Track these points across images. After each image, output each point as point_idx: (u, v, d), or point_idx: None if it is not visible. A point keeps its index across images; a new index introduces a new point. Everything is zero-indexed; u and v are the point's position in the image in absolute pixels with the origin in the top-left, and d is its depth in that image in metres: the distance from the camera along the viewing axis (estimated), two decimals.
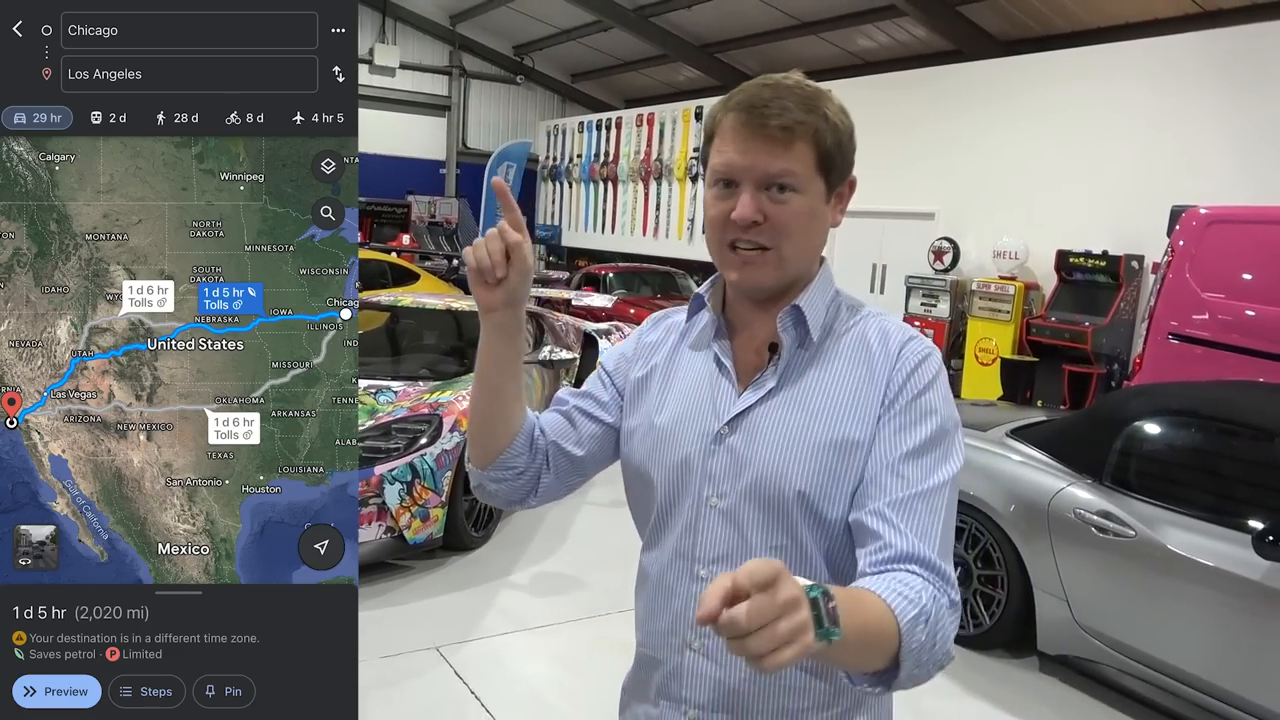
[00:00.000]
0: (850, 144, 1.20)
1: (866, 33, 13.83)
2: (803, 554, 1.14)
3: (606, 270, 12.02)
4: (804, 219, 1.15)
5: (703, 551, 1.18)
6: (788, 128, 1.11)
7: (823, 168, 1.16)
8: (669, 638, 1.22)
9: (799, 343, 1.19)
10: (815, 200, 1.16)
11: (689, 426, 1.21)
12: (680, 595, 1.20)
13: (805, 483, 1.12)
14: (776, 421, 1.16)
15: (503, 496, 1.30)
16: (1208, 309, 5.75)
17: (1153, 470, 3.54)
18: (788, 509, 1.13)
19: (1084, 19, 11.34)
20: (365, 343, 6.08)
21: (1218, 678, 3.09)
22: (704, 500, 1.18)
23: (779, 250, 1.15)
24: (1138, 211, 9.01)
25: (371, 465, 4.10)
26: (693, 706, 1.20)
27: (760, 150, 1.12)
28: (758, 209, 1.13)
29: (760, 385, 1.19)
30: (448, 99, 19.42)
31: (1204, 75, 8.87)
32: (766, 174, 1.13)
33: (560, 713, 3.29)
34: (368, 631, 3.71)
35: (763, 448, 1.15)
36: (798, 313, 1.18)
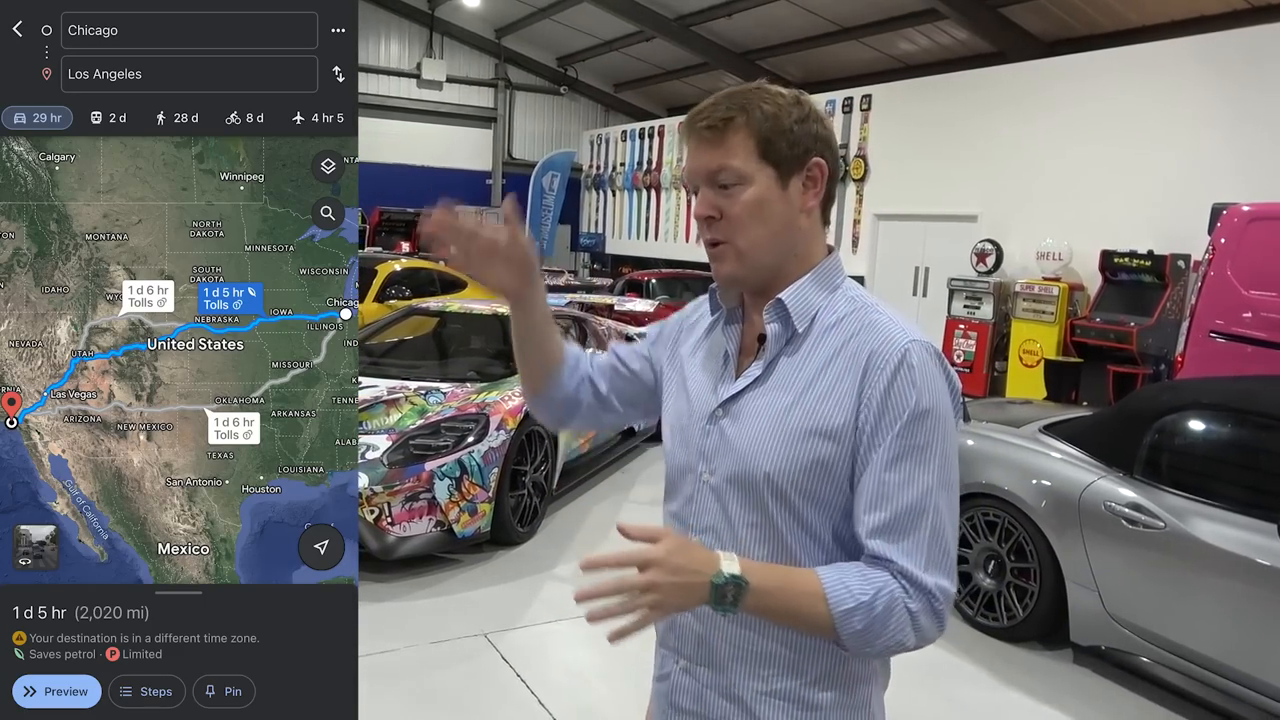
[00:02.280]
0: (796, 129, 1.23)
1: (907, 36, 13.82)
2: (774, 531, 1.23)
3: (649, 276, 12.18)
4: (753, 208, 1.22)
5: (695, 520, 1.30)
6: (713, 126, 1.22)
7: (765, 155, 1.22)
8: None
9: (784, 333, 1.27)
10: (765, 189, 1.22)
11: (697, 405, 1.33)
12: None
13: (773, 466, 1.21)
14: (758, 407, 1.25)
15: (549, 417, 1.55)
16: (1250, 306, 5.73)
17: (1182, 463, 3.58)
18: (759, 490, 1.23)
19: (1128, 17, 11.22)
20: (415, 347, 6.30)
21: (1248, 666, 3.13)
22: (699, 475, 1.30)
23: (733, 243, 1.25)
24: (1183, 210, 8.92)
25: (422, 462, 4.30)
26: (682, 657, 1.32)
27: (699, 152, 1.25)
28: (710, 205, 1.24)
29: (749, 373, 1.29)
30: (493, 111, 19.77)
31: (1245, 73, 8.77)
32: (707, 172, 1.24)
33: (601, 695, 3.43)
34: (421, 619, 3.92)
35: (743, 431, 1.25)
36: (780, 305, 1.27)
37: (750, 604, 1.11)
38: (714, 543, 1.27)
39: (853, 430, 1.19)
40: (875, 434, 1.17)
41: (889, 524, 1.15)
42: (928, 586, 1.14)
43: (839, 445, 1.19)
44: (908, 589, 1.14)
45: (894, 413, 1.17)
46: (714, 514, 1.28)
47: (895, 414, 1.17)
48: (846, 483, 1.21)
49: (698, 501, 1.30)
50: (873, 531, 1.16)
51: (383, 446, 4.36)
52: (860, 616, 1.12)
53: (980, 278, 10.58)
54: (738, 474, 1.25)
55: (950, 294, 10.74)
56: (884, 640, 1.15)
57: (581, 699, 3.39)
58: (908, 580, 1.14)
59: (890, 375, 1.17)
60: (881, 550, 1.15)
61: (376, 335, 6.22)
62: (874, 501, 1.17)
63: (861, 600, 1.13)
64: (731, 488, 1.26)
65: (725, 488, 1.26)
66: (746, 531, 1.25)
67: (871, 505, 1.17)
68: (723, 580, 1.09)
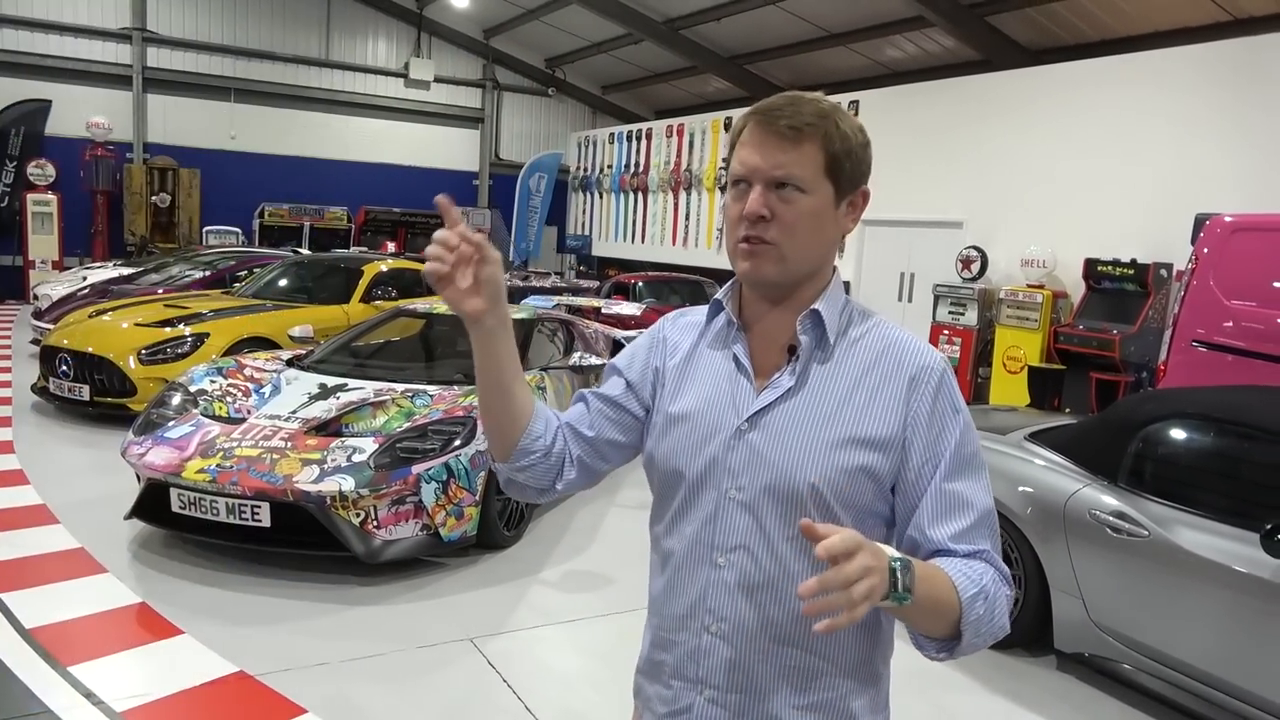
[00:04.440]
0: (863, 155, 1.28)
1: (895, 43, 13.90)
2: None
3: (636, 279, 12.17)
4: (809, 219, 1.24)
5: (722, 540, 1.27)
6: (796, 128, 1.22)
7: (831, 172, 1.24)
8: (687, 621, 1.30)
9: (816, 345, 1.28)
10: (822, 203, 1.25)
11: (711, 422, 1.29)
12: (699, 582, 1.29)
13: (818, 476, 1.22)
14: (794, 419, 1.25)
15: (531, 484, 1.35)
16: (1232, 316, 5.78)
17: (1166, 472, 3.61)
18: (802, 502, 1.23)
19: (1113, 27, 11.33)
20: (402, 349, 6.28)
21: (1229, 673, 3.16)
22: (724, 493, 1.26)
23: (780, 246, 1.24)
24: (1166, 220, 9.01)
25: (409, 465, 4.28)
26: (708, 687, 1.28)
27: (771, 149, 1.23)
28: (765, 205, 1.23)
29: (778, 385, 1.27)
30: (481, 111, 19.72)
31: (1229, 84, 8.86)
32: (774, 174, 1.23)
33: (589, 702, 3.42)
34: (407, 623, 3.90)
35: (780, 444, 1.24)
36: (816, 316, 1.28)
37: (916, 590, 1.09)
38: (747, 561, 1.25)
39: (900, 442, 1.24)
40: (931, 448, 1.24)
41: (973, 526, 1.23)
42: (1008, 576, 1.25)
43: (884, 454, 1.23)
44: (999, 577, 1.23)
45: (946, 429, 1.25)
46: (746, 531, 1.25)
47: (948, 430, 1.25)
48: (889, 490, 1.25)
49: (724, 519, 1.27)
50: (956, 535, 1.23)
51: (369, 449, 4.34)
52: (982, 603, 1.18)
53: (965, 284, 10.64)
54: (776, 487, 1.24)
55: (935, 300, 10.79)
56: (992, 626, 1.20)
57: (568, 705, 3.38)
58: (997, 569, 1.24)
59: (934, 393, 1.25)
60: (969, 548, 1.23)
61: (363, 336, 6.19)
62: (947, 510, 1.23)
63: (982, 585, 1.19)
64: (768, 501, 1.24)
65: (760, 502, 1.25)
66: (786, 546, 1.23)
67: (945, 514, 1.23)
68: (897, 564, 1.06)
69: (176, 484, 4.25)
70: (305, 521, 4.20)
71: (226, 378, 5.13)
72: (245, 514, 4.19)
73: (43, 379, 7.31)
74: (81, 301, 9.45)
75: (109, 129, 15.47)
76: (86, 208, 15.29)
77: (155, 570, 4.33)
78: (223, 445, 4.39)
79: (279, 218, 16.45)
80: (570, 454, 1.38)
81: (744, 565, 1.25)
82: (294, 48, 17.56)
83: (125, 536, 4.68)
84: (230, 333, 7.31)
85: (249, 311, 7.88)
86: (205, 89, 16.80)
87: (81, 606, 3.90)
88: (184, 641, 3.65)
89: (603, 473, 1.43)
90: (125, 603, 3.98)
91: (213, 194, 16.51)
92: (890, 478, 1.25)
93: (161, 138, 16.43)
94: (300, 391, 4.97)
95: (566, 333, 6.54)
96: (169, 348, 7.05)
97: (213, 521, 4.26)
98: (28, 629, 3.65)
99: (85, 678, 3.29)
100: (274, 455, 4.29)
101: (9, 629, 3.65)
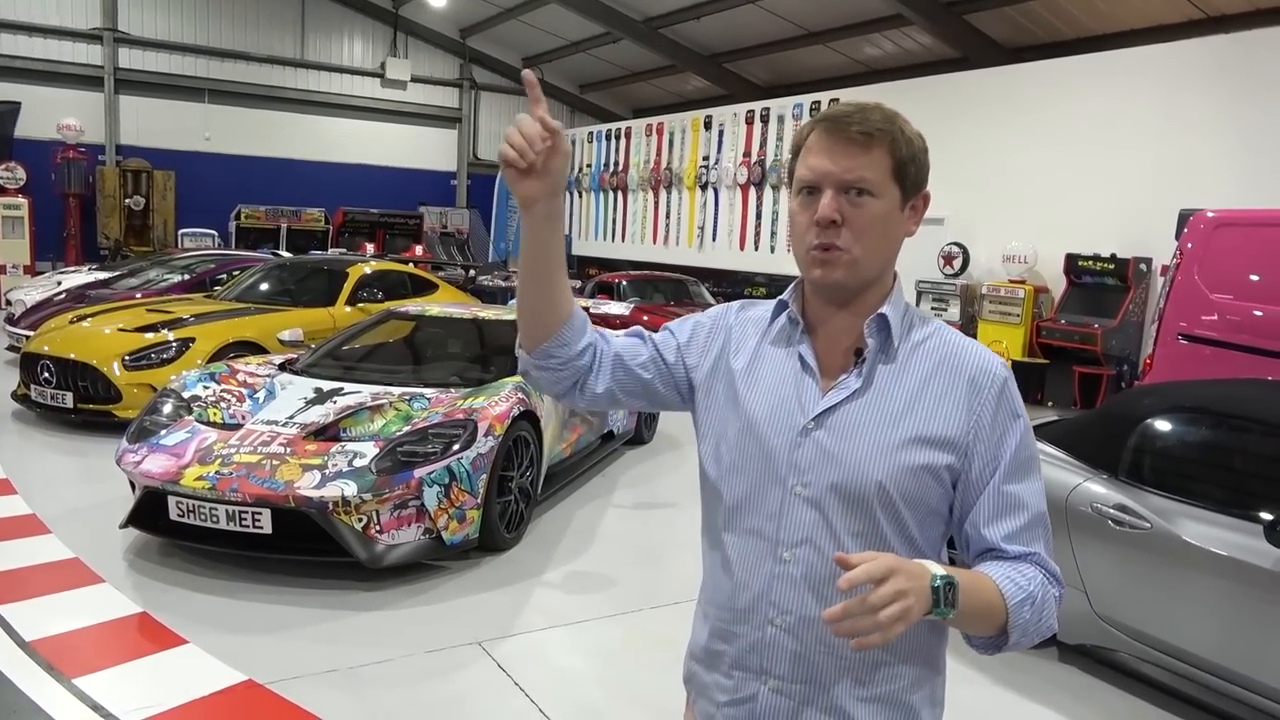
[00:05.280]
0: (924, 160, 1.33)
1: (874, 41, 14.00)
2: (881, 537, 1.28)
3: (620, 278, 12.17)
4: (879, 222, 1.27)
5: (787, 535, 1.30)
6: (867, 133, 1.26)
7: (898, 176, 1.28)
8: (750, 614, 1.33)
9: (881, 347, 1.32)
10: (890, 206, 1.28)
11: (776, 420, 1.32)
12: (763, 575, 1.32)
13: (885, 474, 1.26)
14: (861, 419, 1.28)
15: (546, 384, 1.40)
16: (1216, 310, 5.88)
17: (1166, 465, 3.67)
18: (868, 499, 1.27)
19: (1089, 25, 11.47)
20: (394, 351, 6.24)
21: (1232, 662, 3.22)
22: (790, 489, 1.30)
23: (852, 251, 1.27)
24: (1145, 215, 9.14)
25: (411, 469, 4.25)
26: (773, 677, 1.32)
27: (841, 155, 1.26)
28: (837, 209, 1.26)
29: (844, 385, 1.31)
30: (458, 111, 19.64)
31: (1209, 80, 9.01)
32: (848, 176, 1.26)
33: (603, 703, 3.43)
34: (413, 628, 3.88)
35: (848, 443, 1.28)
36: (883, 320, 1.31)
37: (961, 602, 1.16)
38: (813, 556, 1.29)
39: (963, 444, 1.28)
40: (992, 450, 1.28)
41: (1024, 527, 1.28)
42: (1058, 574, 1.30)
43: (949, 454, 1.27)
44: (1048, 577, 1.28)
45: (1008, 432, 1.30)
46: (812, 526, 1.29)
47: (1009, 434, 1.30)
48: (950, 490, 1.29)
49: (789, 515, 1.30)
50: (1009, 535, 1.29)
51: (370, 454, 4.31)
52: (1029, 607, 1.23)
53: (947, 280, 10.75)
54: (843, 484, 1.27)
55: (918, 295, 10.89)
56: (1039, 628, 1.25)
57: (582, 706, 3.38)
58: (1047, 570, 1.29)
59: (997, 396, 1.30)
60: (1021, 549, 1.28)
61: (355, 340, 6.15)
62: (1004, 510, 1.28)
63: (1029, 591, 1.23)
64: (834, 498, 1.28)
65: (826, 499, 1.28)
66: (851, 541, 1.27)
67: (1002, 513, 1.28)
68: (940, 583, 1.13)
69: (175, 492, 4.20)
70: (306, 528, 4.16)
71: (220, 383, 5.08)
72: (246, 521, 4.14)
73: (24, 386, 7.19)
74: (59, 307, 9.29)
75: (80, 131, 15.25)
76: (58, 211, 15.07)
77: (153, 579, 4.28)
78: (221, 452, 4.35)
79: (255, 220, 16.30)
80: (597, 372, 1.40)
81: (810, 560, 1.29)
82: (268, 48, 17.40)
83: (120, 545, 4.62)
84: (216, 337, 7.23)
85: (233, 315, 7.79)
86: (178, 90, 16.61)
87: (81, 617, 3.85)
88: (189, 651, 3.61)
89: (634, 406, 1.48)
90: (125, 613, 3.93)
91: (187, 196, 16.33)
92: (953, 478, 1.29)
93: (134, 140, 16.23)
94: (296, 396, 4.93)
95: None
96: (153, 353, 6.96)
97: (212, 529, 4.22)
98: (28, 641, 3.60)
99: (91, 690, 3.25)
100: (274, 461, 4.25)
101: (9, 642, 3.59)
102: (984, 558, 1.30)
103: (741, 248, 15.17)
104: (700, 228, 16.13)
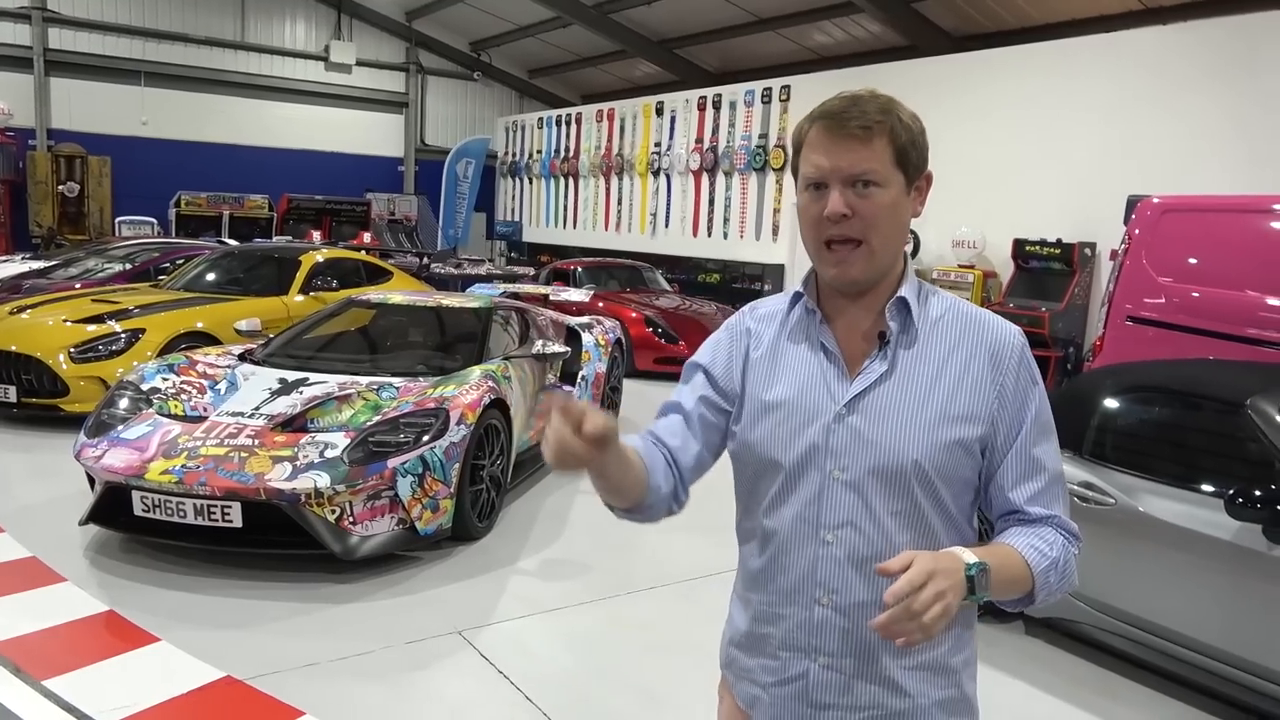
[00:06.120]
0: (923, 141, 1.36)
1: (823, 29, 14.11)
2: (920, 515, 1.33)
3: (575, 265, 12.13)
4: (888, 210, 1.31)
5: (828, 518, 1.34)
6: (866, 127, 1.29)
7: (900, 162, 1.32)
8: (796, 595, 1.38)
9: (903, 329, 1.36)
10: (897, 193, 1.32)
11: (807, 409, 1.36)
12: (807, 556, 1.36)
13: (921, 453, 1.31)
14: (892, 401, 1.33)
15: (651, 521, 1.44)
16: (1163, 293, 6.09)
17: (1128, 443, 3.80)
18: (906, 478, 1.31)
19: (1033, 15, 11.72)
20: (358, 340, 6.15)
21: (1193, 630, 3.36)
22: (827, 474, 1.33)
23: (869, 243, 1.31)
24: (1090, 200, 9.40)
25: (384, 459, 4.21)
26: (823, 654, 1.36)
27: (844, 151, 1.30)
28: (846, 204, 1.30)
29: (871, 370, 1.35)
30: (405, 96, 19.32)
31: (1148, 70, 9.28)
32: (851, 172, 1.30)
33: (589, 689, 3.44)
34: (390, 619, 3.85)
35: (882, 426, 1.32)
36: (903, 303, 1.36)
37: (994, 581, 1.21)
38: (855, 536, 1.32)
39: (992, 413, 1.32)
40: (1015, 417, 1.33)
41: (1045, 489, 1.35)
42: (1077, 532, 1.36)
43: (978, 426, 1.32)
44: (1068, 538, 1.35)
45: (1029, 398, 1.35)
46: (851, 508, 1.33)
47: (1030, 399, 1.35)
48: (980, 458, 1.34)
49: (829, 499, 1.34)
50: (1031, 498, 1.35)
51: (341, 444, 4.25)
52: (1055, 573, 1.30)
53: None
54: (881, 466, 1.31)
55: None
56: (1063, 587, 1.32)
57: (569, 693, 3.39)
58: (1066, 531, 1.35)
59: (1017, 365, 1.35)
60: (1042, 511, 1.34)
61: (316, 328, 6.04)
62: (1026, 473, 1.33)
63: (1051, 558, 1.29)
64: (873, 480, 1.32)
65: (865, 481, 1.32)
66: (891, 520, 1.32)
67: (1024, 476, 1.33)
68: (974, 570, 1.19)
69: (139, 486, 4.09)
70: (277, 520, 4.10)
71: (179, 375, 4.95)
72: (215, 515, 4.06)
73: None
74: None
75: (9, 114, 14.66)
76: None
77: (118, 576, 4.17)
78: (186, 445, 4.25)
79: (197, 207, 15.85)
80: (681, 478, 1.44)
81: (852, 540, 1.33)
82: (207, 29, 16.90)
83: (79, 542, 4.49)
84: (166, 328, 7.04)
85: (183, 306, 7.60)
86: (113, 72, 16.05)
87: (45, 618, 3.74)
88: (162, 648, 3.53)
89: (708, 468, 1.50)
90: (91, 611, 3.83)
91: (125, 183, 15.81)
92: (982, 447, 1.35)
93: (67, 124, 15.65)
94: (260, 387, 4.83)
95: (521, 321, 6.49)
96: (101, 345, 6.75)
97: (179, 524, 4.12)
98: None
99: (64, 691, 3.16)
100: (242, 453, 4.17)
101: None
102: (1008, 519, 1.37)
103: (695, 234, 15.22)
104: (653, 214, 16.14)
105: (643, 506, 1.40)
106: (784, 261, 13.52)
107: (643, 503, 1.39)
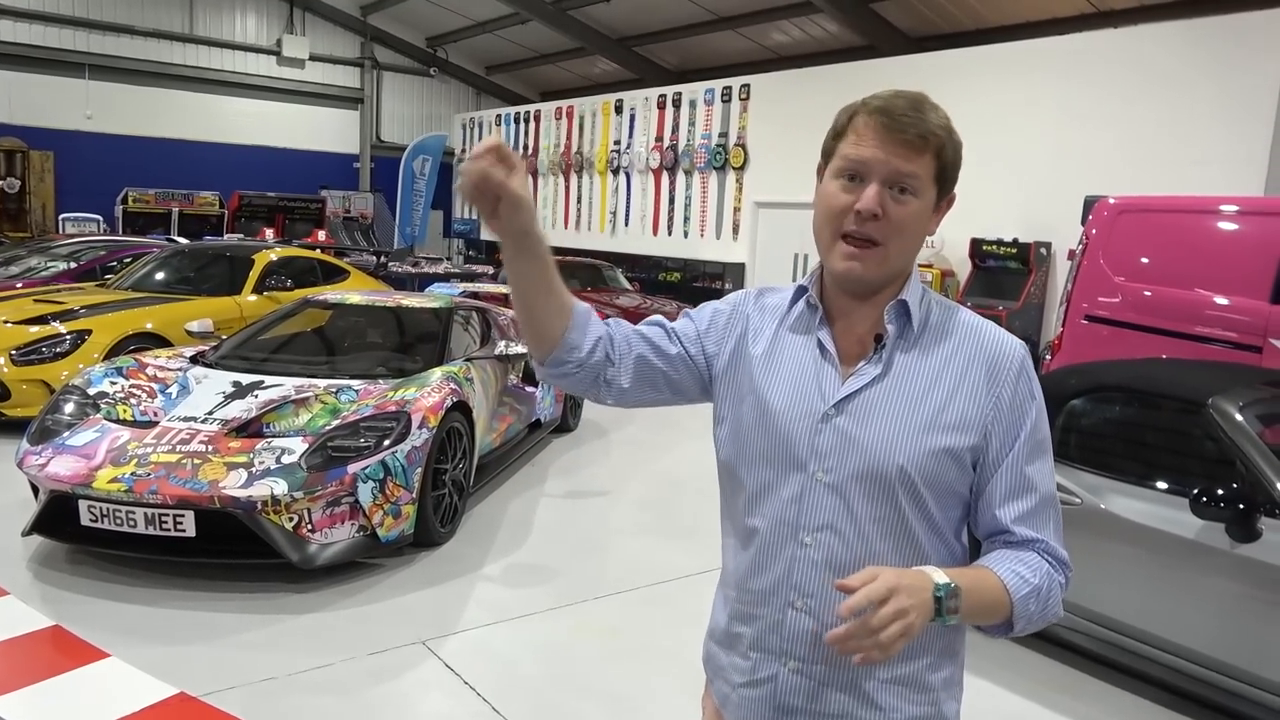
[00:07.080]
0: (959, 166, 1.34)
1: (781, 28, 14.16)
2: (903, 524, 1.29)
3: None
4: (915, 221, 1.29)
5: (808, 520, 1.30)
6: (923, 136, 1.27)
7: (939, 179, 1.31)
8: (771, 597, 1.34)
9: (900, 333, 1.33)
10: (926, 206, 1.31)
11: (796, 407, 1.32)
12: (784, 559, 1.32)
13: (907, 459, 1.26)
14: (882, 405, 1.29)
15: (569, 388, 1.41)
16: (1118, 292, 6.17)
17: (1091, 442, 3.83)
18: (890, 484, 1.27)
19: (987, 17, 11.87)
20: (315, 341, 6.01)
21: (1158, 628, 3.39)
22: (811, 475, 1.30)
23: (887, 247, 1.28)
24: (1045, 200, 9.54)
25: (344, 464, 4.10)
26: (793, 658, 1.33)
27: (896, 152, 1.26)
28: (880, 203, 1.26)
29: (864, 372, 1.31)
30: (360, 91, 19.03)
31: (1100, 72, 9.44)
32: (898, 174, 1.26)
33: (555, 697, 3.37)
34: (352, 629, 3.75)
35: (870, 429, 1.28)
36: (903, 306, 1.33)
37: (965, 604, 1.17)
38: (834, 540, 1.29)
39: (985, 424, 1.28)
40: (1010, 431, 1.28)
41: (1034, 510, 1.29)
42: (1066, 559, 1.31)
43: (970, 436, 1.28)
44: (1054, 565, 1.29)
45: (1025, 413, 1.30)
46: (832, 511, 1.29)
47: (1026, 414, 1.30)
48: (971, 471, 1.29)
49: (810, 500, 1.30)
50: (1019, 518, 1.28)
51: (299, 449, 4.13)
52: (1035, 600, 1.24)
53: None
54: (866, 470, 1.27)
55: None
56: (1045, 616, 1.26)
57: (536, 702, 3.32)
58: (1053, 557, 1.29)
59: (1015, 378, 1.31)
60: (1029, 533, 1.29)
61: (271, 329, 5.89)
62: (1015, 491, 1.28)
63: (1033, 584, 1.24)
64: (856, 484, 1.28)
65: (848, 485, 1.28)
66: (872, 526, 1.28)
67: (1013, 494, 1.28)
68: (942, 591, 1.15)
69: (86, 495, 3.94)
70: (232, 529, 3.97)
71: (128, 378, 4.78)
72: (167, 524, 3.92)
73: None
74: None
75: None
76: None
77: (63, 589, 4.01)
78: (136, 451, 4.10)
79: (144, 204, 15.43)
80: (614, 365, 1.39)
81: (831, 544, 1.29)
82: (154, 21, 16.47)
83: (22, 554, 4.32)
84: (113, 329, 6.82)
85: (131, 306, 7.36)
86: (56, 64, 15.57)
87: None
88: (111, 665, 3.39)
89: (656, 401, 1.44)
90: (34, 627, 3.67)
91: (69, 178, 15.36)
92: (973, 459, 1.30)
93: (7, 117, 15.15)
94: (213, 390, 4.68)
95: (483, 321, 6.40)
96: (45, 346, 6.52)
97: (129, 534, 3.97)
98: None
99: (7, 712, 3.02)
100: (195, 460, 4.04)
101: None
102: (994, 540, 1.32)
103: (655, 233, 15.19)
104: (612, 212, 16.08)
105: (558, 360, 1.35)
106: (744, 260, 13.54)
107: (556, 354, 1.34)
